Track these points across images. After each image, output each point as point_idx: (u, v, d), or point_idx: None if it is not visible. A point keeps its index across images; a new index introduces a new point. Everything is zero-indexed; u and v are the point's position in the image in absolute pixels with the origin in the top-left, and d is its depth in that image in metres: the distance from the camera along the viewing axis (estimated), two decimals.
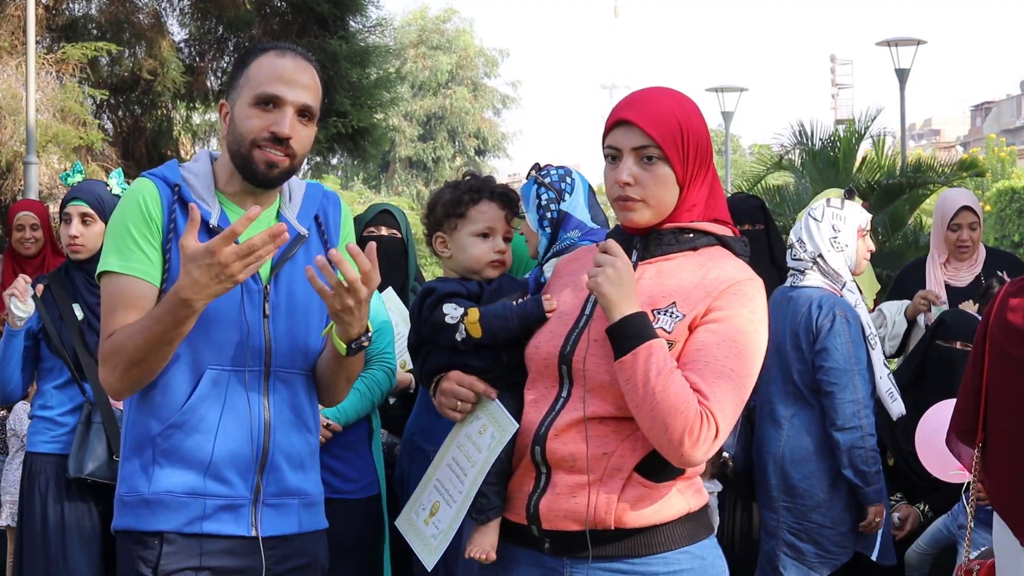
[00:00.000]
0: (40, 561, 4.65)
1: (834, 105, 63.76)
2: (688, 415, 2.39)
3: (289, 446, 2.76)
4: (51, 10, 13.14)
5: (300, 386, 2.80)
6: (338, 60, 12.72)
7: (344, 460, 4.14)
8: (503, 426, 2.65)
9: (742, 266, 2.60)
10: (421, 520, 2.83)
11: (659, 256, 2.60)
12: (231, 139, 2.73)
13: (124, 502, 2.71)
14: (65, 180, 5.02)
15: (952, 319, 5.14)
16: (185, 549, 2.66)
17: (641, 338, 2.44)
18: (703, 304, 2.51)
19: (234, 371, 2.69)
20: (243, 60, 2.77)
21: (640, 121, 2.56)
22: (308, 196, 2.88)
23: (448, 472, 2.78)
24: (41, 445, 4.73)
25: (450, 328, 2.77)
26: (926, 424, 4.60)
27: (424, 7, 43.65)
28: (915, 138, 62.54)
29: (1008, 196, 23.57)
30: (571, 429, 2.53)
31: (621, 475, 2.49)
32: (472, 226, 3.02)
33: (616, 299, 2.47)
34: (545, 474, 2.56)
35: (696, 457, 2.42)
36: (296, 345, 2.77)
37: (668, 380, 2.40)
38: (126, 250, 2.68)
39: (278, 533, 2.74)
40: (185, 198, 2.70)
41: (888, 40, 21.70)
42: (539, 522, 2.56)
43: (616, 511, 2.49)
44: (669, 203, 2.58)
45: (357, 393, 4.14)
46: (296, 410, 2.78)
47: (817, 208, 4.80)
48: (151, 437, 2.67)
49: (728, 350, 2.46)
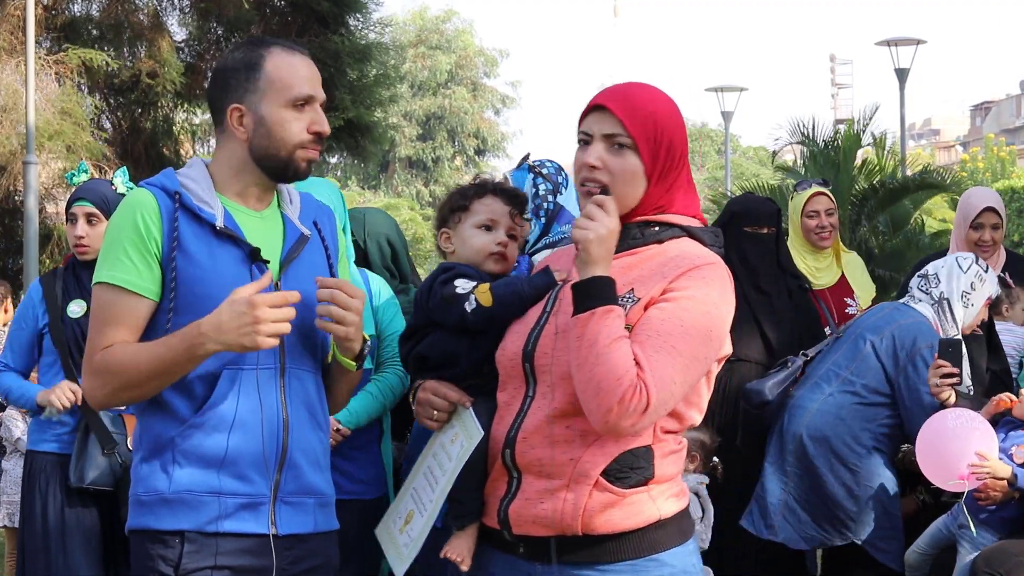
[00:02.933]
0: (40, 560, 4.66)
1: (834, 105, 63.82)
2: (623, 382, 2.35)
3: (306, 443, 2.77)
4: (51, 10, 13.14)
5: (312, 384, 2.81)
6: (339, 58, 12.73)
7: (354, 460, 4.14)
8: (471, 434, 2.66)
9: (704, 251, 2.54)
10: (396, 528, 2.85)
11: (625, 251, 2.56)
12: (265, 143, 2.73)
13: (142, 502, 2.70)
14: (70, 180, 5.01)
15: None
16: (205, 548, 2.66)
17: (604, 300, 2.42)
18: (659, 286, 2.48)
19: (250, 370, 2.69)
20: (251, 61, 2.75)
21: (615, 108, 2.54)
22: (305, 200, 2.91)
23: (423, 481, 2.80)
24: (41, 444, 4.73)
25: (460, 298, 2.76)
26: (926, 432, 4.62)
27: (424, 7, 43.67)
28: (915, 138, 62.55)
29: (1008, 196, 23.59)
30: (538, 432, 2.52)
31: (588, 481, 2.47)
32: (474, 218, 3.03)
33: (595, 256, 2.45)
34: (516, 479, 2.55)
35: (621, 426, 2.38)
36: (307, 343, 2.79)
37: (615, 346, 2.38)
38: (118, 262, 2.68)
39: (295, 532, 2.75)
40: (187, 204, 2.70)
41: (888, 40, 21.72)
42: (510, 527, 2.56)
43: (583, 517, 2.47)
44: (634, 195, 2.55)
45: (369, 395, 4.15)
46: (310, 408, 2.80)
47: (967, 260, 4.94)
48: (170, 438, 2.68)
49: (674, 327, 2.42)
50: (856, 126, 10.64)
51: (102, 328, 2.69)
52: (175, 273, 2.67)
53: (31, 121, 11.99)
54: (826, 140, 10.60)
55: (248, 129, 2.74)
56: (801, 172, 10.94)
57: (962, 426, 4.56)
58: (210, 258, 2.68)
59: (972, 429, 4.55)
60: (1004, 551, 4.50)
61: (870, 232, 10.41)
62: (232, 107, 2.74)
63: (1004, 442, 4.66)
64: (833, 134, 10.78)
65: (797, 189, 6.21)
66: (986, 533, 4.61)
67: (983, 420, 4.61)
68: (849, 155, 10.38)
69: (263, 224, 2.79)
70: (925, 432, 4.60)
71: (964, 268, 4.87)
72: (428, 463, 2.79)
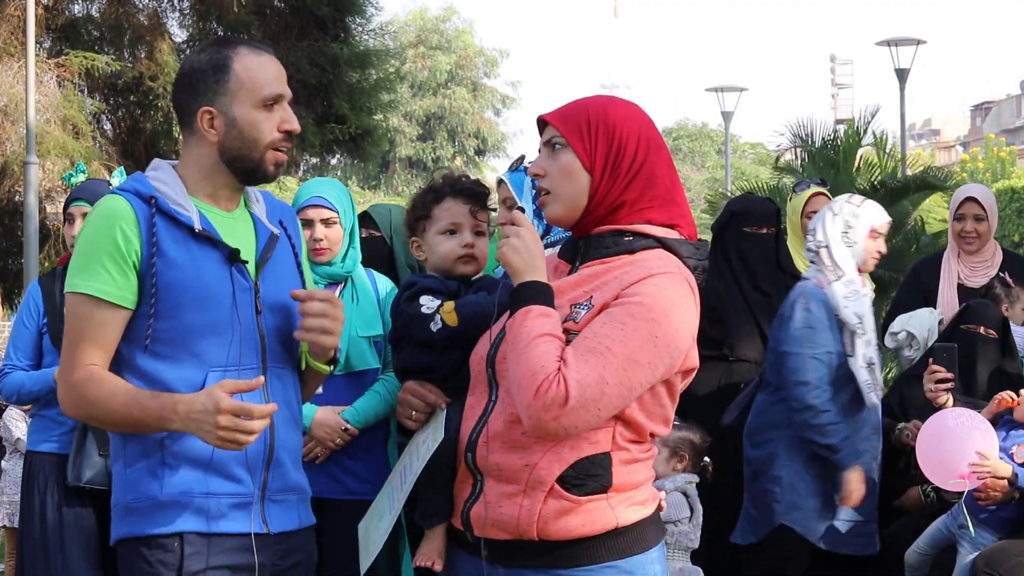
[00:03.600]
0: (39, 560, 4.66)
1: (834, 105, 63.76)
2: (539, 376, 2.38)
3: (289, 441, 2.79)
4: (51, 11, 13.14)
5: (290, 382, 2.83)
6: (339, 63, 12.74)
7: (362, 460, 4.15)
8: (436, 436, 2.69)
9: (666, 262, 2.53)
10: (372, 524, 2.91)
11: (597, 259, 2.59)
12: (236, 144, 2.72)
13: (132, 508, 2.69)
14: (68, 180, 5.02)
15: (977, 305, 5.22)
16: (204, 549, 2.66)
17: (525, 301, 2.47)
18: (613, 293, 2.49)
19: (235, 371, 2.69)
20: (219, 63, 2.73)
21: (549, 116, 2.62)
22: (268, 199, 2.92)
23: (397, 479, 2.85)
24: (40, 444, 4.74)
25: (426, 318, 2.80)
26: (927, 432, 4.62)
27: (424, 7, 43.68)
28: (915, 138, 62.54)
29: (1008, 196, 23.58)
30: (497, 437, 2.53)
31: (543, 487, 2.49)
32: (437, 224, 3.07)
33: (519, 267, 2.52)
34: (479, 481, 2.58)
35: (544, 420, 2.39)
36: (284, 340, 2.80)
37: (535, 343, 2.41)
38: (95, 273, 2.65)
39: (284, 529, 2.76)
40: (164, 208, 2.68)
41: (888, 40, 21.70)
42: (471, 528, 2.58)
43: (538, 523, 2.49)
44: (576, 192, 2.57)
45: (376, 395, 4.15)
46: (290, 406, 2.81)
47: (837, 202, 4.93)
48: (158, 440, 2.67)
49: (612, 330, 2.43)
50: (857, 125, 10.62)
51: (79, 343, 2.67)
52: (155, 279, 2.65)
53: (31, 122, 11.99)
54: (826, 139, 10.58)
55: (219, 131, 2.72)
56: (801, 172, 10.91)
57: (962, 425, 4.56)
58: (190, 261, 2.67)
59: (972, 428, 4.56)
60: (1004, 551, 4.50)
61: None
62: (202, 110, 2.72)
63: (1005, 441, 4.66)
64: (833, 134, 10.76)
65: (796, 190, 6.21)
66: (986, 533, 4.61)
67: (983, 419, 4.61)
68: (849, 155, 10.36)
69: (235, 225, 2.79)
70: (925, 432, 4.60)
71: (836, 211, 4.88)
72: (404, 462, 2.84)
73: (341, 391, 4.12)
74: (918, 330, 5.56)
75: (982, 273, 5.80)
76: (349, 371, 4.11)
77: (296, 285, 2.87)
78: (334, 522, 4.11)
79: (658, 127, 2.73)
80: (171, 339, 2.66)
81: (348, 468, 4.12)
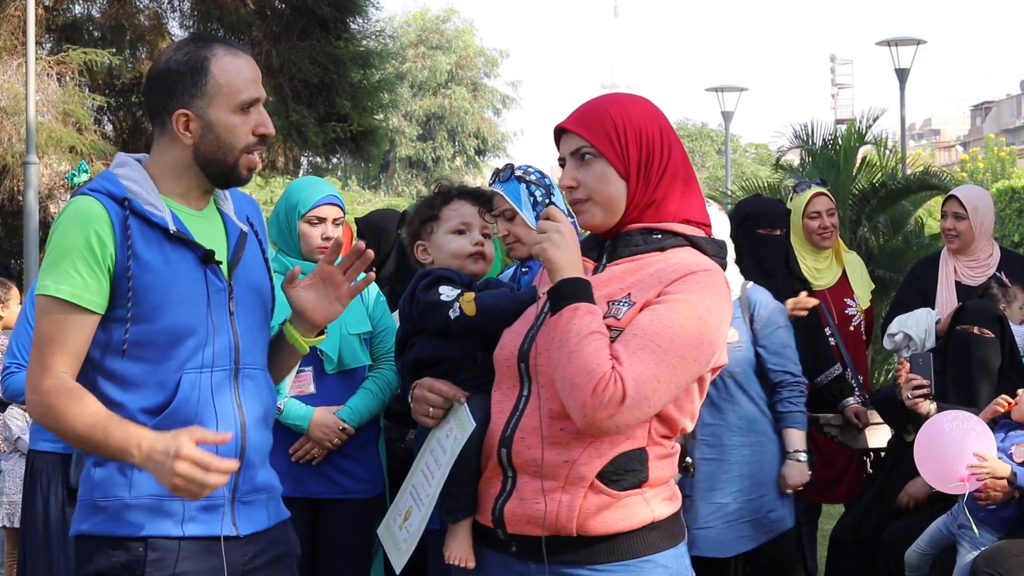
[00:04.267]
0: (42, 559, 4.67)
1: (834, 105, 63.80)
2: (595, 375, 2.38)
3: (260, 443, 2.78)
4: (51, 11, 13.15)
5: (263, 382, 2.81)
6: (340, 63, 12.74)
7: (355, 460, 4.16)
8: (464, 427, 2.68)
9: (703, 259, 2.57)
10: (396, 526, 2.88)
11: (626, 257, 2.60)
12: (212, 148, 2.69)
13: (99, 507, 2.66)
14: (71, 180, 5.02)
15: (973, 305, 5.22)
16: (170, 554, 2.64)
17: (571, 299, 2.46)
18: (655, 290, 2.50)
19: (208, 372, 2.68)
20: (196, 65, 2.69)
21: (571, 125, 2.61)
22: (235, 196, 2.89)
23: (421, 477, 2.83)
24: (43, 443, 4.75)
25: (444, 306, 2.80)
26: (925, 436, 4.62)
27: (424, 7, 43.68)
28: (915, 138, 62.55)
29: (1008, 196, 23.58)
30: (535, 433, 2.53)
31: (583, 483, 2.49)
32: (447, 224, 3.09)
33: (559, 263, 2.50)
34: (511, 478, 2.57)
35: (599, 418, 2.39)
36: (256, 341, 2.79)
37: (586, 340, 2.41)
38: (67, 275, 2.61)
39: (254, 530, 2.74)
40: (137, 210, 2.64)
41: (888, 40, 21.71)
42: (504, 526, 2.58)
43: (578, 518, 2.49)
44: (615, 197, 2.58)
45: (369, 393, 4.17)
46: (263, 406, 2.79)
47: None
48: None
49: (661, 327, 2.43)
50: (858, 125, 10.62)
51: (49, 348, 2.62)
52: (131, 283, 2.61)
53: (31, 121, 12.00)
54: (826, 139, 10.58)
55: (195, 134, 2.69)
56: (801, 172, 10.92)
57: (958, 428, 4.57)
58: (165, 264, 2.64)
59: (968, 431, 4.56)
60: (1004, 551, 4.51)
61: (870, 232, 10.39)
62: (178, 112, 2.68)
63: (1004, 442, 4.66)
64: (833, 134, 10.76)
65: (797, 190, 6.22)
66: (986, 533, 4.62)
67: (979, 420, 4.62)
68: (849, 155, 10.35)
69: (205, 223, 2.76)
70: (922, 437, 4.61)
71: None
72: (425, 459, 2.82)
73: (335, 389, 4.14)
74: (915, 331, 5.57)
75: (980, 273, 5.82)
76: (342, 369, 4.13)
77: (264, 282, 2.85)
78: (330, 522, 4.13)
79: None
80: (146, 342, 2.63)
81: (342, 467, 4.14)
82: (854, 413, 5.46)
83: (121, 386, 2.64)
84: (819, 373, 5.49)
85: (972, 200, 5.82)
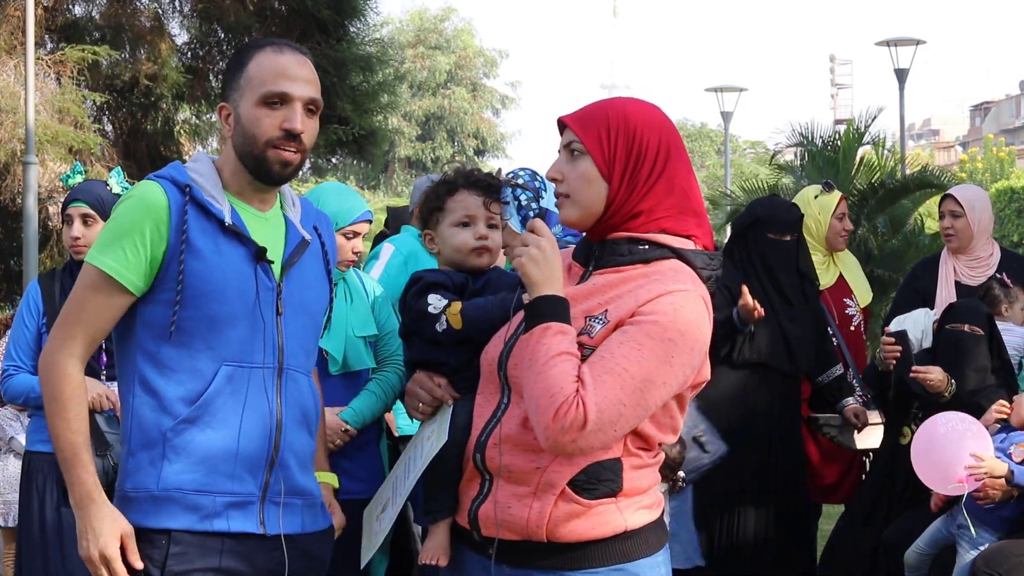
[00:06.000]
0: (38, 560, 4.66)
1: (833, 105, 63.83)
2: (558, 399, 2.36)
3: (297, 445, 2.77)
4: (51, 11, 13.15)
5: (306, 386, 2.82)
6: (343, 65, 12.75)
7: (356, 460, 4.16)
8: (441, 436, 2.69)
9: (683, 278, 2.51)
10: (375, 516, 2.91)
11: (611, 267, 2.57)
12: (240, 141, 2.74)
13: (129, 497, 2.69)
14: (66, 181, 5.01)
15: (961, 304, 5.25)
16: (193, 548, 2.65)
17: (545, 317, 2.45)
18: (629, 310, 2.47)
19: (249, 367, 2.69)
20: (240, 60, 2.77)
21: (568, 120, 2.61)
22: (305, 205, 2.93)
23: (401, 470, 2.86)
24: (39, 444, 4.74)
25: (431, 318, 2.80)
26: (922, 437, 4.63)
27: (423, 7, 43.68)
28: (914, 138, 62.54)
29: (1007, 196, 23.59)
30: (508, 440, 2.53)
31: (554, 490, 2.48)
32: (451, 216, 3.04)
33: (537, 279, 2.49)
34: (488, 481, 2.57)
35: (561, 442, 2.37)
36: (303, 345, 2.80)
37: (552, 362, 2.39)
38: (112, 250, 2.67)
39: (284, 532, 2.73)
40: (197, 198, 2.70)
41: (887, 40, 21.70)
42: (479, 528, 2.58)
43: (548, 525, 2.49)
44: (594, 199, 2.56)
45: (371, 395, 4.17)
46: (303, 409, 2.80)
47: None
48: (162, 432, 2.66)
49: (630, 349, 2.41)
50: (857, 125, 10.63)
51: (76, 319, 2.70)
52: (182, 267, 2.65)
53: (31, 122, 11.99)
54: (825, 139, 10.60)
55: (232, 127, 2.75)
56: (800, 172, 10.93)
57: (953, 430, 4.57)
58: (216, 254, 2.68)
59: (964, 432, 4.57)
60: (1004, 551, 4.51)
61: (869, 232, 10.41)
62: (220, 105, 2.78)
63: (1003, 442, 4.67)
64: (832, 134, 10.77)
65: (825, 189, 6.20)
66: (985, 532, 4.61)
67: (973, 420, 4.62)
68: (849, 155, 10.37)
69: (266, 225, 2.79)
70: (918, 440, 4.62)
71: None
72: (410, 454, 2.84)
73: (339, 391, 4.13)
74: (913, 330, 5.56)
75: (980, 273, 5.82)
76: (346, 371, 4.13)
77: (323, 293, 2.87)
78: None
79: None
80: (191, 328, 2.66)
81: (343, 468, 4.12)
82: (853, 413, 5.46)
83: (160, 371, 2.67)
84: (821, 372, 5.49)
85: (969, 198, 5.82)
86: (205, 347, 2.67)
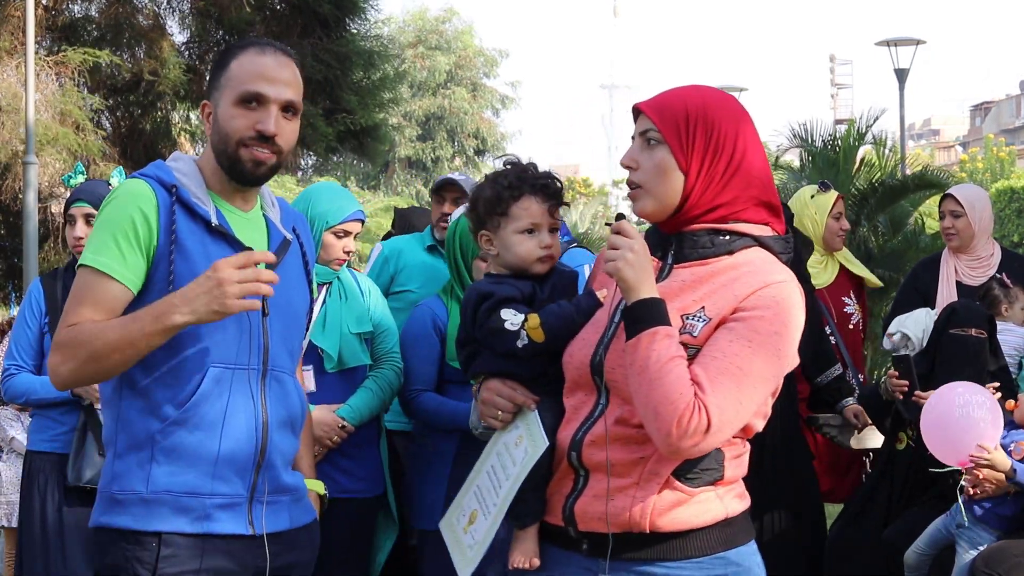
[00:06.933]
0: (39, 560, 4.66)
1: (834, 105, 63.81)
2: (679, 405, 2.34)
3: (284, 445, 2.78)
4: (51, 11, 13.15)
5: (291, 387, 2.83)
6: (345, 59, 12.75)
7: (355, 459, 4.17)
8: (536, 442, 2.62)
9: (776, 268, 2.51)
10: (461, 527, 2.80)
11: (695, 261, 2.54)
12: (216, 139, 2.74)
13: (116, 499, 2.67)
14: (67, 182, 5.02)
15: (963, 308, 5.20)
16: (183, 551, 2.65)
17: (648, 323, 2.41)
18: (729, 305, 2.45)
19: (235, 369, 2.69)
20: (223, 59, 2.76)
21: (645, 107, 2.56)
22: (284, 208, 2.93)
23: (487, 480, 2.75)
24: (40, 444, 4.74)
25: (511, 335, 2.71)
26: (932, 409, 4.61)
27: (424, 8, 43.67)
28: (914, 138, 62.55)
29: (1007, 196, 23.61)
30: (608, 436, 2.50)
31: (658, 479, 2.46)
32: (516, 223, 2.88)
33: (634, 282, 2.44)
34: (583, 476, 2.54)
35: (683, 447, 2.37)
36: (287, 345, 2.81)
37: (667, 368, 2.36)
38: (106, 248, 2.67)
39: (273, 530, 2.74)
40: (183, 199, 2.70)
41: (888, 40, 21.72)
42: (575, 523, 2.55)
43: (651, 515, 2.47)
44: (670, 192, 2.52)
45: (369, 392, 4.18)
46: (289, 410, 2.80)
47: None
48: (150, 434, 2.66)
49: (740, 348, 2.40)
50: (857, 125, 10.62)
51: (75, 308, 2.67)
52: (172, 267, 2.65)
53: (31, 122, 12.00)
54: (825, 140, 10.58)
55: (211, 126, 2.76)
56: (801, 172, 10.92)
57: (967, 416, 4.56)
58: (204, 255, 2.68)
59: (978, 420, 4.56)
60: (1003, 551, 4.50)
61: (870, 232, 10.40)
62: (203, 103, 2.78)
63: (1004, 439, 4.66)
64: (832, 134, 10.75)
65: (821, 189, 6.20)
66: (984, 532, 4.61)
67: (990, 401, 4.59)
68: (849, 155, 10.35)
69: (249, 225, 2.80)
70: (930, 408, 4.62)
71: None
72: (492, 462, 2.74)
73: (335, 388, 4.15)
74: (913, 331, 5.56)
75: (981, 273, 5.82)
76: (342, 368, 4.14)
77: (304, 293, 2.87)
78: (328, 520, 4.12)
79: None
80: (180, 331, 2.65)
81: (341, 466, 4.14)
82: (853, 413, 5.46)
83: (148, 373, 2.66)
84: (820, 373, 5.48)
85: (969, 197, 5.83)
86: (192, 350, 2.66)
